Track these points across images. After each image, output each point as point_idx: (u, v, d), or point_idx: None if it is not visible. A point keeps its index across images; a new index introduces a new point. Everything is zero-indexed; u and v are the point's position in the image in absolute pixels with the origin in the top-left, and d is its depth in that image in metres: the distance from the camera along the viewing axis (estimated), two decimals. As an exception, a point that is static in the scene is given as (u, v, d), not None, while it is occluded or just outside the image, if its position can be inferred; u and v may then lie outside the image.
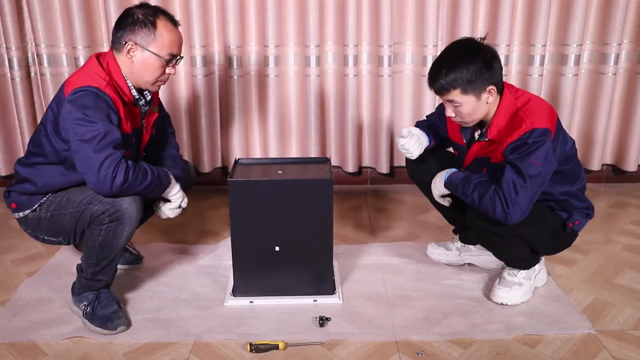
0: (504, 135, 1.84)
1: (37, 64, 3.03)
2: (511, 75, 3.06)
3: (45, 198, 1.92)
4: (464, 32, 2.90)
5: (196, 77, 3.00)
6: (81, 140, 1.74)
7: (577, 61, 2.99)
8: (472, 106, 1.82)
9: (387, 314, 2.01)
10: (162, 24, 1.83)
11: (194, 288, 2.20)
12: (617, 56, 2.98)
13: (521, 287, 2.01)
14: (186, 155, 3.15)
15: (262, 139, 3.16)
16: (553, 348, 1.81)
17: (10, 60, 2.99)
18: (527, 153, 1.75)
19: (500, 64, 1.83)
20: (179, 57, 1.91)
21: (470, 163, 2.00)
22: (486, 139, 1.89)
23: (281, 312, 2.02)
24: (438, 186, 2.03)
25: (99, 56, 1.90)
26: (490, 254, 2.15)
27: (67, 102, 1.77)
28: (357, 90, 3.04)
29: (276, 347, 1.80)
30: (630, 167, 3.19)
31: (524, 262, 2.02)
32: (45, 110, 3.01)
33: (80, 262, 1.96)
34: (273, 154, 3.15)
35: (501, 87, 1.86)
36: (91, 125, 1.74)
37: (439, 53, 2.96)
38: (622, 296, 2.11)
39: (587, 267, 2.33)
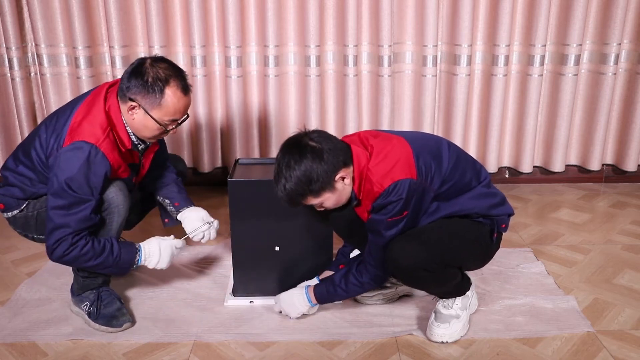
0: (364, 199, 1.75)
1: (37, 64, 3.02)
2: (511, 75, 3.06)
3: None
4: (464, 32, 2.91)
5: (196, 77, 3.00)
6: (51, 195, 1.75)
7: (577, 61, 2.99)
8: (333, 199, 1.73)
9: (387, 314, 2.01)
10: (171, 92, 1.77)
11: (194, 288, 2.19)
12: (617, 56, 2.98)
13: (459, 320, 1.85)
14: (186, 155, 3.15)
15: (262, 139, 3.16)
16: (553, 348, 1.81)
17: (10, 60, 2.98)
18: (385, 212, 1.68)
19: (334, 146, 1.69)
20: (181, 119, 1.86)
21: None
22: (354, 204, 1.80)
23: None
24: (300, 308, 1.93)
25: (107, 92, 1.85)
26: None
27: (62, 153, 1.76)
28: (357, 90, 3.04)
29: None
30: (630, 167, 3.19)
31: (457, 287, 1.87)
32: (44, 115, 3.04)
33: None
34: (273, 154, 3.14)
35: (350, 160, 1.72)
36: (64, 192, 1.73)
37: (439, 53, 3.01)
38: (622, 296, 2.11)
39: (587, 267, 2.33)
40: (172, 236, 1.99)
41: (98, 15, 2.94)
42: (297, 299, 1.94)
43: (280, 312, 1.99)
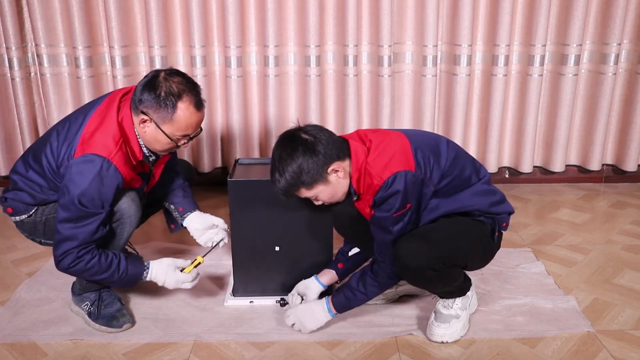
0: (364, 193, 1.75)
1: (37, 64, 3.02)
2: (511, 75, 3.06)
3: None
4: (464, 32, 2.91)
5: (196, 77, 3.00)
6: (60, 206, 1.74)
7: (577, 61, 2.99)
8: (327, 192, 1.73)
9: (387, 314, 2.01)
10: (183, 106, 1.73)
11: (194, 288, 2.19)
12: (617, 56, 2.98)
13: (459, 320, 1.85)
14: (186, 155, 3.15)
15: (262, 139, 3.16)
16: (553, 348, 1.81)
17: (10, 60, 2.99)
18: (388, 208, 1.68)
19: (327, 139, 1.70)
20: (194, 134, 1.84)
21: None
22: (354, 198, 1.80)
23: (281, 312, 2.02)
24: (321, 319, 1.89)
25: (121, 102, 1.83)
26: None
27: (73, 164, 1.73)
28: (357, 90, 3.04)
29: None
30: (630, 167, 3.19)
31: (460, 287, 1.87)
32: (44, 115, 3.05)
33: None
34: (273, 154, 3.14)
35: (345, 154, 1.72)
36: (74, 206, 1.71)
37: (439, 53, 3.01)
38: (622, 296, 2.11)
39: (587, 267, 2.33)
40: (188, 261, 1.98)
41: (98, 15, 2.94)
42: (317, 310, 1.89)
43: (293, 325, 1.93)
